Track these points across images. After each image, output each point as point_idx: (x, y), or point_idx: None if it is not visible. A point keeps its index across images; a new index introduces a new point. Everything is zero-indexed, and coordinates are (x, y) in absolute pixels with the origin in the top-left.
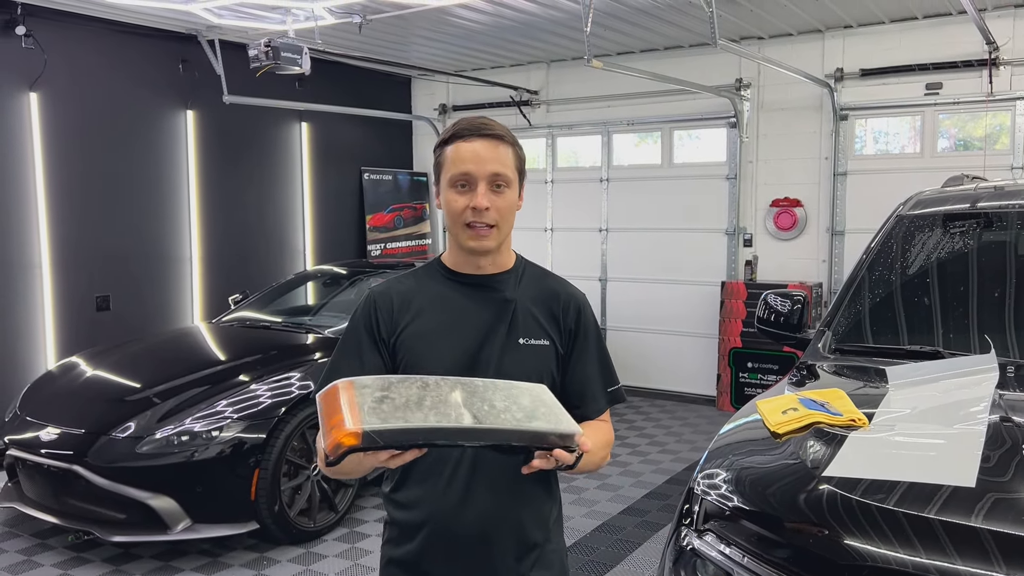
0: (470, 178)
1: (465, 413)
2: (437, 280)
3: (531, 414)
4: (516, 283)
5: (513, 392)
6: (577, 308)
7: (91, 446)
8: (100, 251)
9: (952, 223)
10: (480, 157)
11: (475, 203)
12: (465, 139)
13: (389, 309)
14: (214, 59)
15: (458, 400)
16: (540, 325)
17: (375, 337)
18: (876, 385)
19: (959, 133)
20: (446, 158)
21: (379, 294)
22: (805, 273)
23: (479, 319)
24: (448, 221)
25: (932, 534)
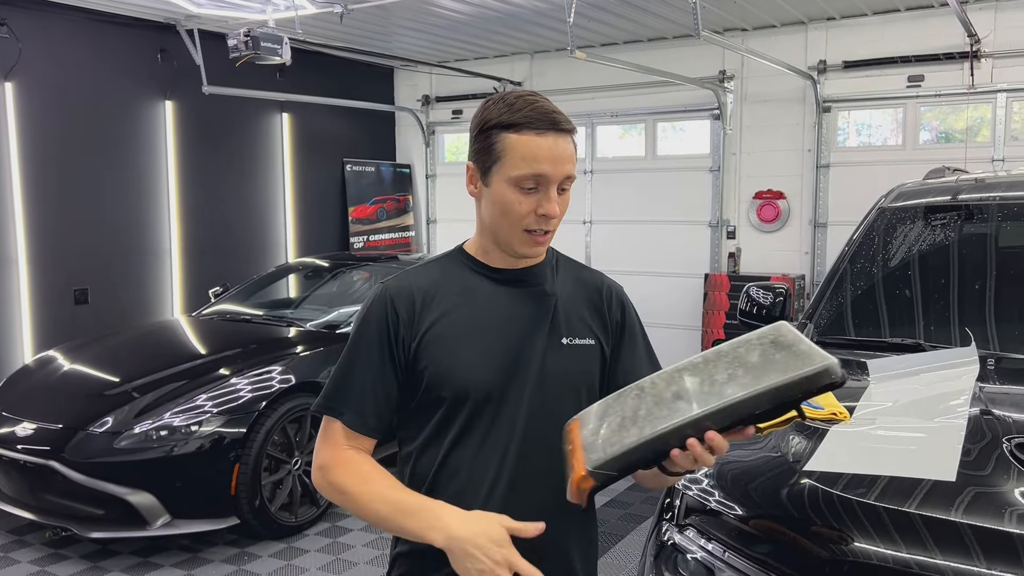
0: (543, 181)
1: (682, 404)
2: (464, 272)
3: (761, 371)
4: (553, 276)
5: (740, 351)
6: (620, 301)
7: (68, 441)
8: (78, 244)
9: (933, 215)
10: (557, 157)
11: (547, 210)
12: (540, 132)
13: (410, 307)
14: (193, 49)
15: (675, 390)
16: (585, 323)
17: (392, 343)
18: (858, 378)
19: (941, 125)
20: (508, 148)
21: (396, 290)
22: (788, 265)
23: (517, 317)
24: (498, 220)
25: (912, 529)
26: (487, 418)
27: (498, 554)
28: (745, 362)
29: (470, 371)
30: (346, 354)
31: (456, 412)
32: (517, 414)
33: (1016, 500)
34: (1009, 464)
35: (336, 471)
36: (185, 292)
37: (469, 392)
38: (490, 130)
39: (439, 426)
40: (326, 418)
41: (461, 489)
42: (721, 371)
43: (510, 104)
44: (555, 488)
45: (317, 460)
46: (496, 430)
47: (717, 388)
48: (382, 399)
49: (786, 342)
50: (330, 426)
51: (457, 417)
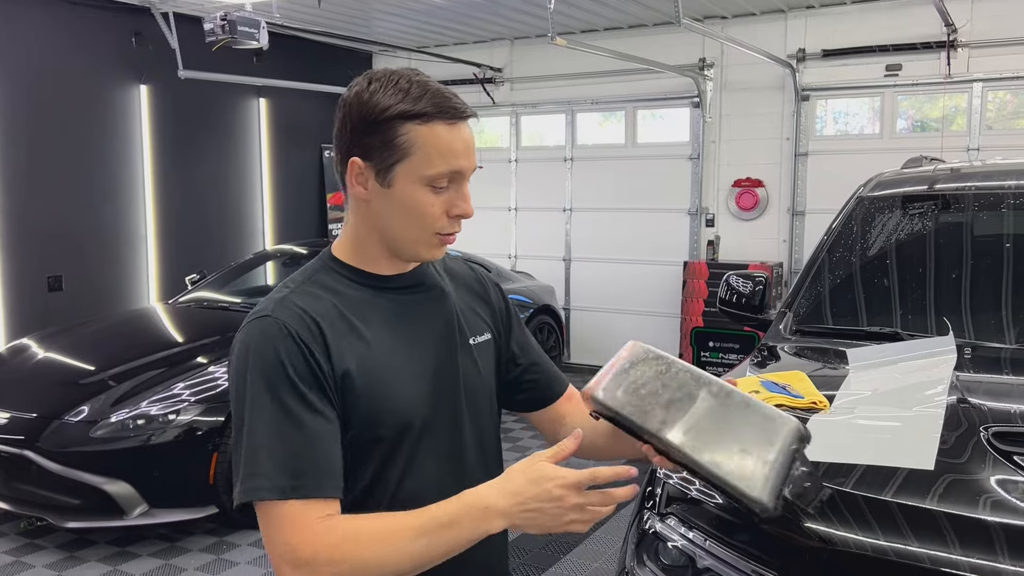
0: (458, 177)
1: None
2: (351, 286)
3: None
4: (438, 273)
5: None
6: (496, 285)
7: (43, 431)
8: (51, 230)
9: (911, 205)
10: (469, 149)
11: (463, 210)
12: (451, 122)
13: (318, 338)
14: (168, 33)
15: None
16: (479, 316)
17: (318, 380)
18: (837, 367)
19: (917, 115)
20: (419, 143)
21: (293, 319)
22: (766, 253)
23: (429, 326)
24: (404, 224)
25: (890, 516)
26: (432, 441)
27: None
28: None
29: (408, 399)
30: (263, 416)
31: (399, 445)
32: (456, 428)
33: (992, 488)
34: (986, 452)
35: (337, 552)
36: (161, 279)
37: (412, 423)
38: (389, 121)
39: (383, 464)
40: (269, 506)
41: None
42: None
43: (403, 89)
44: None
45: (297, 555)
46: (439, 455)
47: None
48: (335, 447)
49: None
50: (284, 512)
51: (401, 450)
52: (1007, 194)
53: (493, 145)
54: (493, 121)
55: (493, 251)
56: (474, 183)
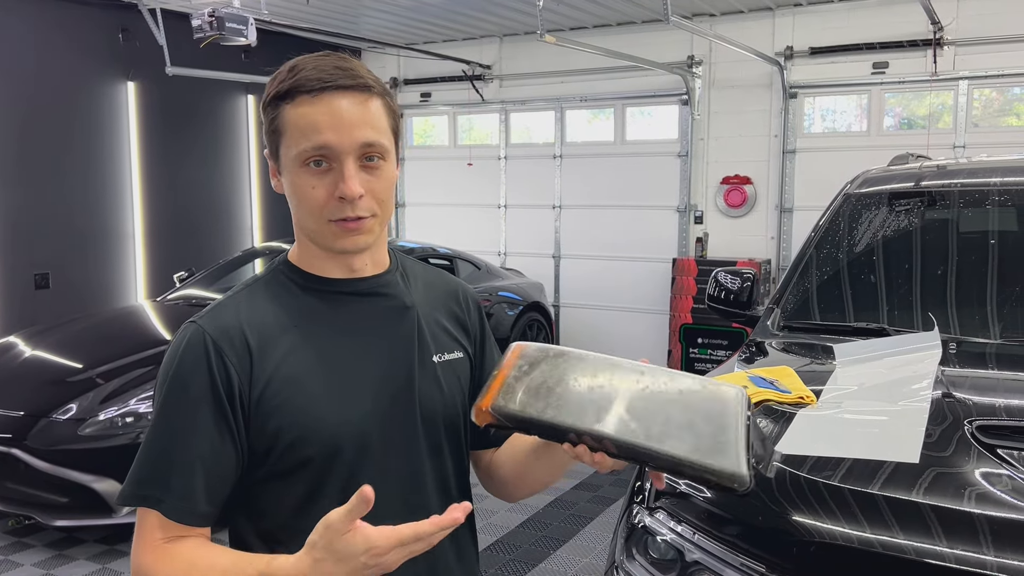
0: (330, 153)
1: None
2: (296, 292)
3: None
4: (406, 284)
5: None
6: (476, 304)
7: (31, 429)
8: (39, 227)
9: (898, 202)
10: (341, 123)
11: (343, 191)
12: (315, 95)
13: (243, 351)
14: (156, 29)
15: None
16: (450, 334)
17: (224, 400)
18: (824, 362)
19: (904, 112)
20: (286, 123)
21: (219, 331)
22: (755, 250)
23: (379, 340)
24: (300, 214)
25: (876, 509)
26: (377, 466)
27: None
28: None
29: (338, 417)
30: (158, 422)
31: (330, 471)
32: (411, 452)
33: (976, 480)
34: (970, 446)
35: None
36: (149, 277)
37: (343, 444)
38: (266, 108)
39: (315, 489)
40: (141, 511)
41: None
42: (656, 410)
43: (292, 70)
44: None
45: (136, 565)
46: (392, 476)
47: (636, 425)
48: (215, 476)
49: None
50: (145, 519)
51: (333, 474)
52: (992, 191)
53: (482, 142)
54: (482, 118)
55: (482, 248)
56: (463, 180)
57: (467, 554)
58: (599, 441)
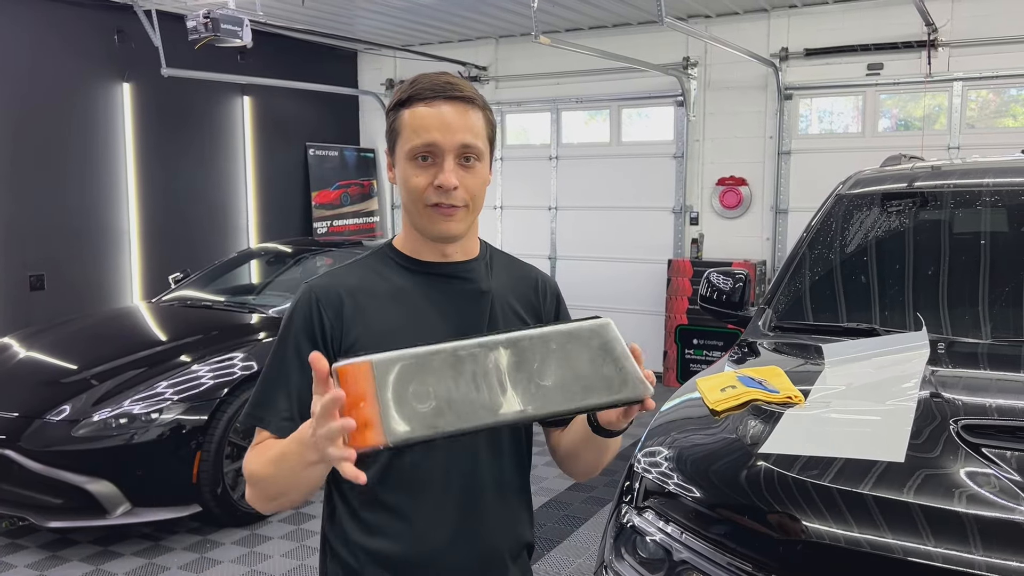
0: (435, 150)
1: (508, 398)
2: (393, 270)
3: (591, 383)
4: (488, 271)
5: (569, 349)
6: (555, 295)
7: (24, 430)
8: (33, 229)
9: (890, 202)
10: (447, 125)
11: (441, 181)
12: (428, 102)
13: (337, 310)
14: (151, 30)
15: (500, 377)
16: (520, 319)
17: (320, 348)
18: (813, 362)
19: (900, 113)
20: (403, 124)
21: (322, 290)
22: (750, 251)
23: (452, 316)
24: (406, 200)
25: (864, 509)
26: None
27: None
28: (575, 367)
29: None
30: (271, 359)
31: None
32: None
33: (962, 480)
34: (956, 445)
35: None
36: (144, 278)
37: None
38: (391, 112)
39: None
40: (257, 430)
41: (411, 497)
42: (549, 370)
43: (412, 83)
44: (502, 486)
45: (245, 474)
46: None
47: (543, 392)
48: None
49: (615, 353)
50: (258, 437)
51: None
52: (984, 191)
53: None
54: None
55: None
56: None
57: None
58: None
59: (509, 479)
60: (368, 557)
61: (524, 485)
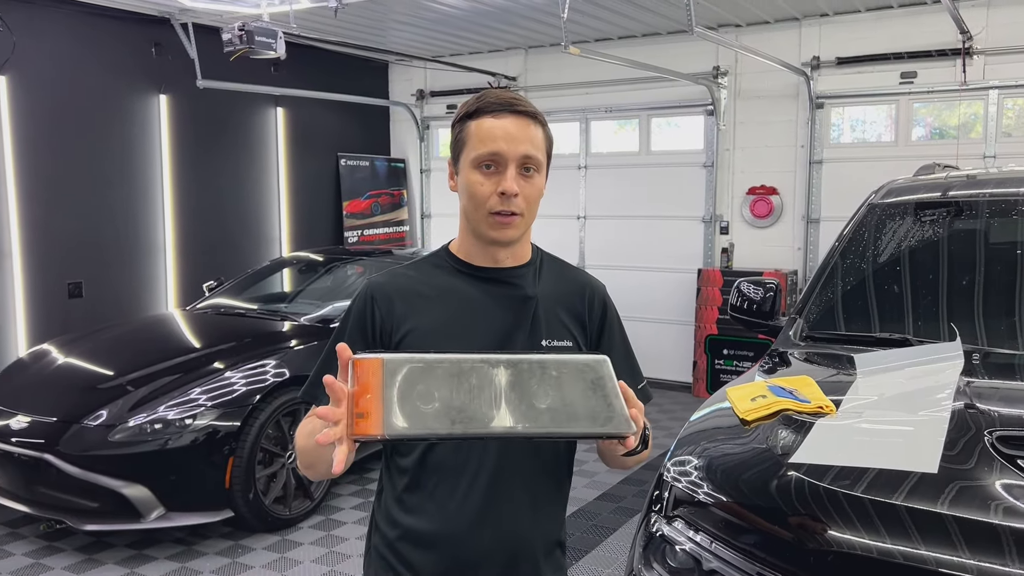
0: (499, 159)
1: (502, 414)
2: (447, 272)
3: (578, 413)
4: (536, 277)
5: (564, 378)
6: (602, 302)
7: (63, 434)
8: (72, 237)
9: (923, 212)
10: (511, 136)
11: (504, 187)
12: (494, 115)
13: (390, 306)
14: (187, 43)
15: (498, 392)
16: (563, 324)
17: (368, 338)
18: (845, 372)
19: (935, 122)
20: (470, 134)
21: (378, 287)
22: (781, 261)
23: (497, 319)
24: (467, 206)
25: (897, 520)
26: None
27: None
28: (566, 395)
29: None
30: (329, 344)
31: None
32: None
33: (998, 491)
34: (991, 457)
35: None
36: (179, 286)
37: None
38: (458, 123)
39: None
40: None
41: (443, 481)
42: (542, 393)
43: (479, 97)
44: (531, 484)
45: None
46: None
47: (534, 413)
48: None
49: (605, 389)
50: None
51: None
52: (1020, 201)
53: None
54: None
55: None
56: None
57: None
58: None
59: (540, 473)
60: (403, 532)
61: (558, 483)
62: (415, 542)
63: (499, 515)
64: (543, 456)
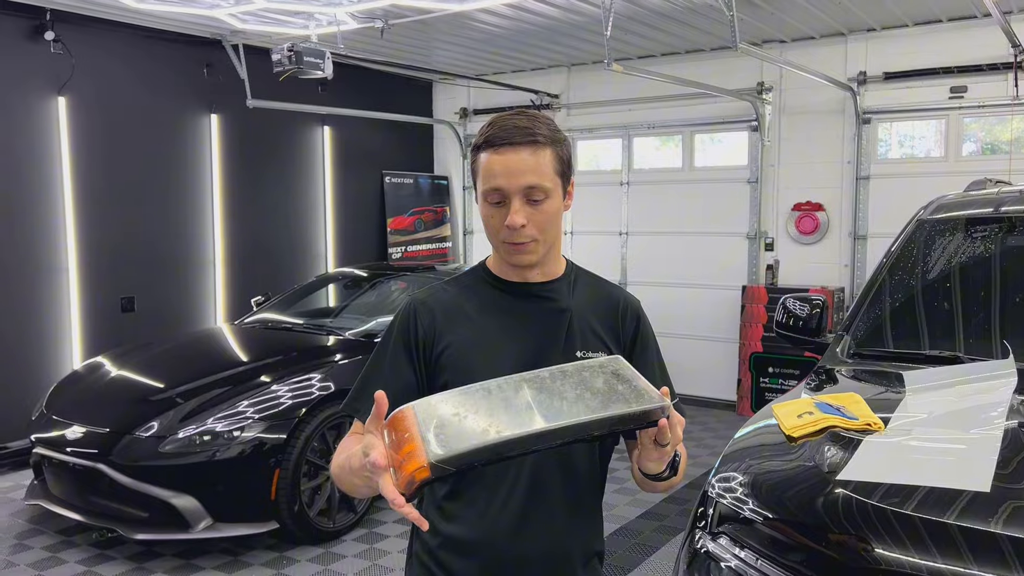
0: (502, 194)
1: (535, 415)
2: (484, 288)
3: (607, 398)
4: (569, 291)
5: (585, 375)
6: (635, 316)
7: (115, 445)
8: (125, 253)
9: (974, 228)
10: (510, 171)
11: (508, 222)
12: (495, 149)
13: (431, 320)
14: (238, 64)
15: (526, 400)
16: (597, 336)
17: (411, 351)
18: (894, 389)
19: (986, 137)
20: (479, 167)
21: (420, 303)
22: (827, 278)
23: (533, 331)
24: (487, 234)
25: (948, 539)
26: None
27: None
28: (591, 386)
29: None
30: (372, 358)
31: None
32: None
33: None
34: None
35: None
36: (228, 301)
37: None
38: (472, 153)
39: None
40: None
41: (481, 494)
42: (569, 390)
43: (490, 124)
44: (567, 494)
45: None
46: None
47: (566, 406)
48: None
49: (626, 376)
50: (354, 427)
51: None
52: None
53: None
54: None
55: None
56: None
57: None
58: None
59: (575, 481)
60: (444, 540)
61: (593, 491)
62: (456, 549)
63: (538, 523)
64: (577, 463)
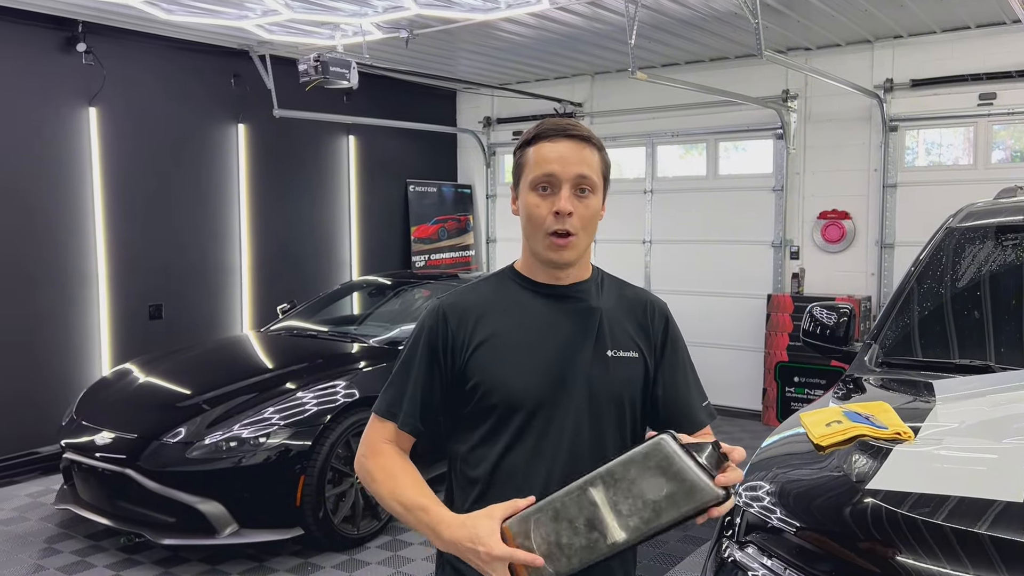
0: (554, 180)
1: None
2: (513, 289)
3: (658, 506)
4: (598, 292)
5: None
6: (664, 317)
7: (143, 450)
8: (154, 261)
9: (1004, 235)
10: (565, 158)
11: (558, 207)
12: (550, 139)
13: (461, 323)
14: (265, 74)
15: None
16: (629, 336)
17: (438, 355)
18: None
19: (1016, 144)
20: (528, 160)
21: (449, 306)
22: (853, 286)
23: (564, 331)
24: (526, 227)
25: (980, 549)
26: (538, 426)
27: (483, 555)
28: (643, 495)
29: (520, 382)
30: (402, 361)
31: (507, 420)
32: (566, 423)
33: None
34: None
35: (372, 460)
36: (254, 308)
37: (519, 401)
38: (518, 151)
39: (490, 433)
40: (372, 418)
41: (514, 493)
42: (623, 503)
43: (538, 125)
44: None
45: (361, 448)
46: (547, 438)
47: (623, 521)
48: (422, 404)
49: (673, 470)
50: (378, 422)
51: (508, 425)
52: None
53: None
54: None
55: None
56: None
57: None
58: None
59: None
60: None
61: None
62: None
63: None
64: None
